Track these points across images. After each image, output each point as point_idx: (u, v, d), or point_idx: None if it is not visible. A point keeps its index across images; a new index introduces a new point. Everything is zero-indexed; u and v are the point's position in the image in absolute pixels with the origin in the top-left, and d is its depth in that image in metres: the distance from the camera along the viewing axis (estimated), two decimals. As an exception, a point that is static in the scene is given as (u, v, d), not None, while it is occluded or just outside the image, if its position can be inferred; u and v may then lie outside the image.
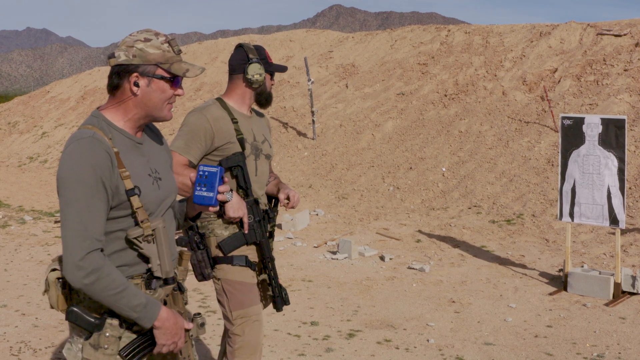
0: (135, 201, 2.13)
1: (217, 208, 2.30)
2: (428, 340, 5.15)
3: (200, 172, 2.26)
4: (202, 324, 2.35)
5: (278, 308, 3.33)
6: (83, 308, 2.14)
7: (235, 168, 3.23)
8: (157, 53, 2.15)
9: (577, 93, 11.67)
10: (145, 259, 2.19)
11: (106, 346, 2.13)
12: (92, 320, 2.12)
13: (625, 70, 11.61)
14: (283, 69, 3.42)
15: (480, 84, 13.25)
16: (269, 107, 3.48)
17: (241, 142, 3.25)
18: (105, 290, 2.04)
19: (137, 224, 2.15)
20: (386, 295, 6.40)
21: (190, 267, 2.48)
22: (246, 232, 3.20)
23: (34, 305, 6.01)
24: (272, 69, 3.35)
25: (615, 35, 12.78)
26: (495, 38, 14.80)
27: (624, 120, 6.21)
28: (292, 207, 3.35)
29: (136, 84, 2.15)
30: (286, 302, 3.35)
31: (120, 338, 2.15)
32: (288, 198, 3.38)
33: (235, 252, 3.24)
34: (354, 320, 5.65)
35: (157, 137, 2.40)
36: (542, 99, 11.92)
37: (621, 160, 6.17)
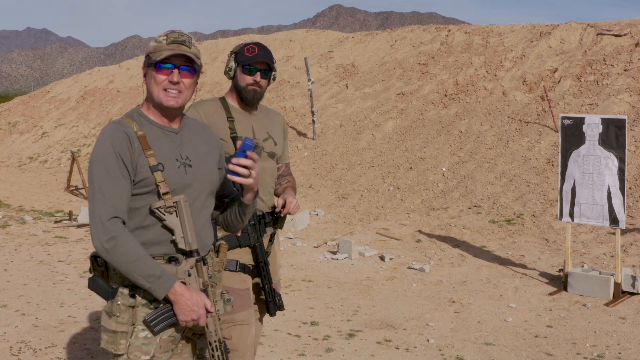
0: (159, 176, 2.31)
1: (232, 177, 2.38)
2: (428, 340, 5.15)
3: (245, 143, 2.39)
4: (229, 300, 2.44)
5: (271, 313, 3.32)
6: (102, 278, 2.34)
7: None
8: (153, 45, 2.38)
9: (577, 93, 11.67)
10: (170, 231, 2.34)
11: (118, 314, 2.29)
12: (107, 287, 2.32)
13: (625, 70, 11.61)
14: (251, 59, 3.19)
15: (480, 84, 13.25)
16: (255, 105, 3.29)
17: (234, 140, 3.23)
18: (122, 257, 2.21)
19: (160, 197, 2.32)
20: (386, 295, 6.40)
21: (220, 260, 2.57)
22: (239, 235, 3.19)
23: (34, 305, 6.01)
24: (240, 60, 3.22)
25: (615, 35, 12.78)
26: (495, 38, 14.81)
27: (624, 120, 6.21)
28: (288, 213, 3.30)
29: (145, 75, 2.41)
30: (280, 307, 3.34)
31: (133, 308, 2.30)
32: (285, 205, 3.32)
33: (228, 255, 3.21)
34: (354, 320, 5.65)
35: (206, 134, 2.56)
36: (542, 99, 11.92)
37: (621, 160, 6.17)
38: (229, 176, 2.38)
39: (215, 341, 2.36)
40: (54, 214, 10.89)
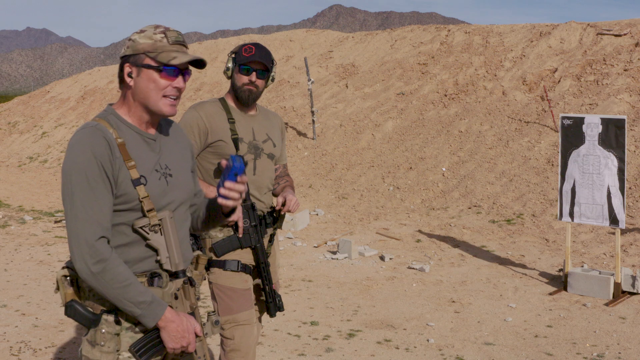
0: (142, 190, 2.11)
1: (224, 201, 2.20)
2: (428, 340, 5.15)
3: (228, 164, 2.20)
4: (217, 322, 2.32)
5: (271, 314, 3.33)
6: (82, 303, 2.11)
7: None
8: (148, 42, 2.13)
9: (577, 93, 11.67)
10: (154, 251, 2.16)
11: (102, 343, 2.09)
12: (89, 315, 2.10)
13: (625, 70, 11.61)
14: (247, 59, 3.19)
15: (480, 84, 13.25)
16: (252, 105, 3.30)
17: (235, 142, 3.23)
18: (111, 282, 2.02)
19: (144, 214, 2.13)
20: (386, 295, 6.40)
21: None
22: (240, 236, 3.19)
23: (34, 305, 6.01)
24: (237, 60, 3.23)
25: (615, 35, 12.78)
26: (495, 38, 14.80)
27: (624, 120, 6.21)
28: (288, 211, 3.30)
29: (130, 75, 2.15)
30: (280, 308, 3.34)
31: (118, 335, 2.11)
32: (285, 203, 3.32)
33: (229, 256, 3.22)
34: (354, 320, 5.65)
35: (177, 134, 2.37)
36: (542, 98, 11.92)
37: (621, 160, 6.17)
38: (220, 200, 2.19)
39: None
40: (53, 214, 10.89)
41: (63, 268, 2.16)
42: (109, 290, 2.03)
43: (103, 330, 2.09)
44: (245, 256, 3.26)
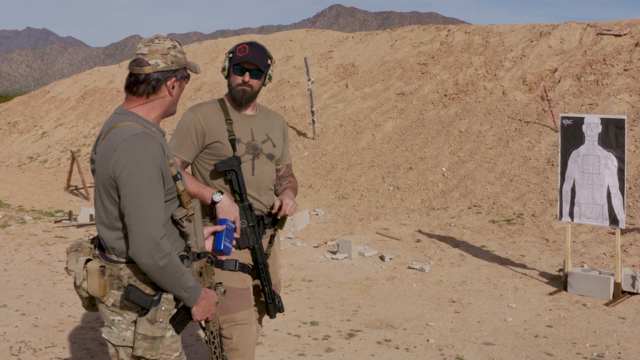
0: (180, 185, 2.40)
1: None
2: (428, 340, 5.15)
3: (229, 227, 2.76)
4: (224, 292, 2.62)
5: (270, 315, 3.32)
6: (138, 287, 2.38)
7: (230, 172, 3.20)
8: (183, 57, 2.45)
9: (577, 93, 11.67)
10: (185, 237, 2.47)
11: (161, 320, 2.36)
12: (147, 296, 2.36)
13: (625, 70, 11.61)
14: (240, 59, 3.19)
15: (480, 84, 13.25)
16: (249, 105, 3.29)
17: (232, 142, 3.22)
18: (172, 273, 2.30)
19: (181, 205, 2.42)
20: (386, 295, 6.40)
21: None
22: (237, 236, 3.19)
23: (34, 305, 6.01)
24: (232, 61, 3.23)
25: (615, 35, 12.79)
26: (495, 38, 14.80)
27: (624, 120, 6.21)
28: (285, 215, 3.26)
29: (173, 87, 2.43)
30: (280, 309, 3.34)
31: (170, 312, 2.40)
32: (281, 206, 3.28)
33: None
34: (354, 320, 5.65)
35: None
36: (542, 98, 11.93)
37: (621, 160, 6.17)
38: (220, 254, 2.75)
39: (216, 329, 2.57)
40: (53, 214, 10.89)
41: (89, 261, 2.38)
42: (169, 279, 2.31)
43: (163, 308, 2.36)
44: (244, 256, 3.26)
